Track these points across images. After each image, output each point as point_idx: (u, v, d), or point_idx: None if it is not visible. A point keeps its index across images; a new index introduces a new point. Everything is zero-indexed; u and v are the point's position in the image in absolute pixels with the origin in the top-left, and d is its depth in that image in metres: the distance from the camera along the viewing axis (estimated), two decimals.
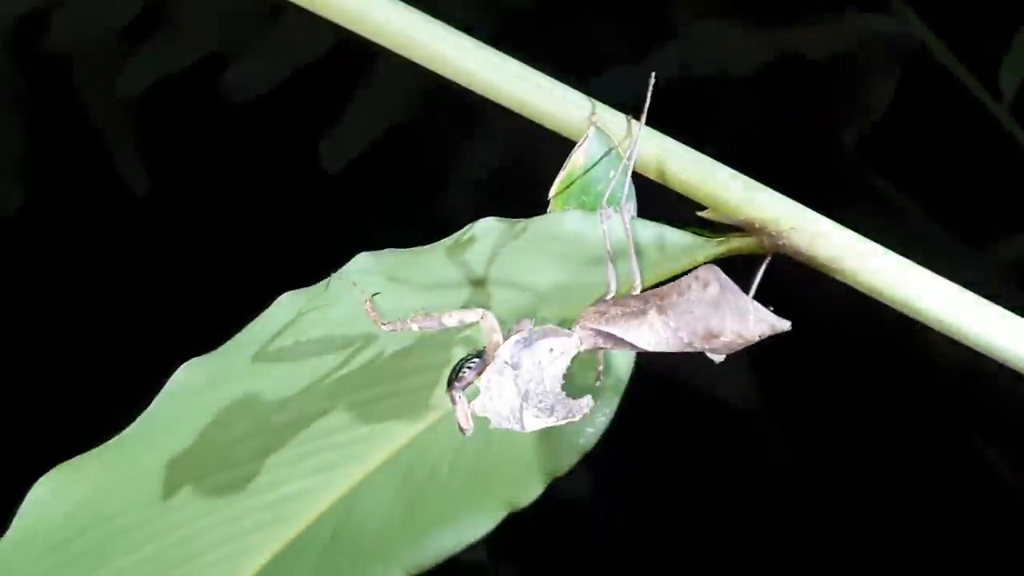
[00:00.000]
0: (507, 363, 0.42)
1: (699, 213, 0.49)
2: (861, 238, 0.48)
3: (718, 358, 0.46)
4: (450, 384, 0.42)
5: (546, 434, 0.54)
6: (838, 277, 0.48)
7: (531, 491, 0.54)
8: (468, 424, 0.42)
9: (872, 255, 0.48)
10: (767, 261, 0.48)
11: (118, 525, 0.51)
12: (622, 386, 0.53)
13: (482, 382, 0.42)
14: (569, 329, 0.44)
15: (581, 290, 0.48)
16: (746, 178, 0.48)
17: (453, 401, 0.42)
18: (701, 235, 0.49)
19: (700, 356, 0.44)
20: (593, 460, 0.54)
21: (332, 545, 0.55)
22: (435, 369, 0.52)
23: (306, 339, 0.49)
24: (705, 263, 0.44)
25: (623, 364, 0.53)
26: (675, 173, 0.48)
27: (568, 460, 0.54)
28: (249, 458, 0.52)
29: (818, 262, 0.48)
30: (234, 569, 0.54)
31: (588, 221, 0.47)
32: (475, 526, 0.55)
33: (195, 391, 0.48)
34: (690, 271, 0.44)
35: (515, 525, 0.55)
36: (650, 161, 0.48)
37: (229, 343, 0.48)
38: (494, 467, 0.54)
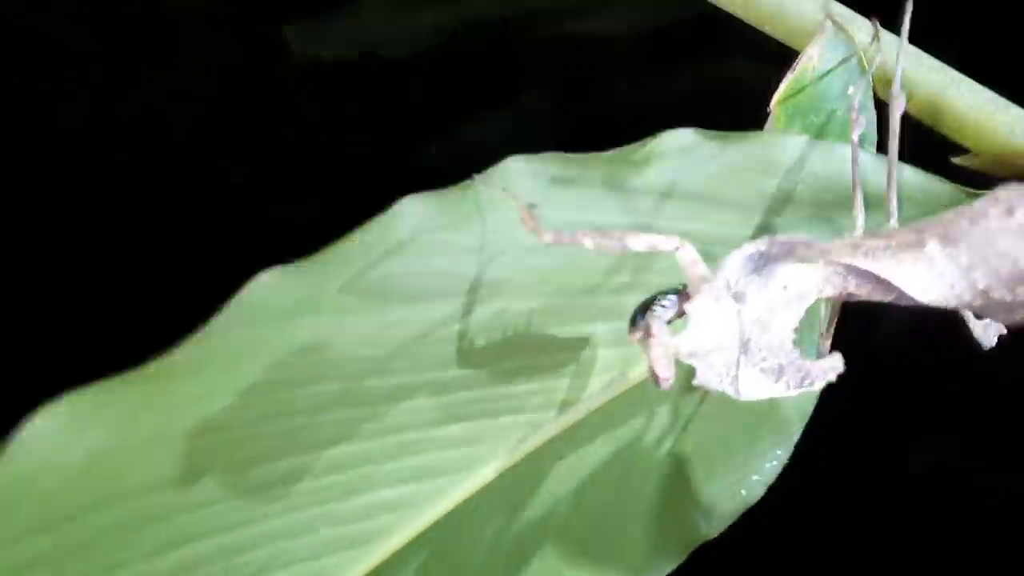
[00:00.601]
0: (730, 288, 0.29)
1: (956, 159, 0.37)
2: None
3: (990, 341, 0.33)
4: (634, 323, 0.30)
5: (695, 473, 0.40)
6: None
7: (664, 561, 0.40)
8: (668, 372, 0.29)
9: None
10: None
11: (141, 507, 0.37)
12: (804, 412, 0.40)
13: (692, 312, 0.29)
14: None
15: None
16: None
17: (645, 336, 0.29)
18: (963, 190, 0.37)
19: None
20: None
21: None
22: (577, 349, 0.39)
23: (422, 271, 0.36)
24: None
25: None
26: (936, 101, 0.37)
27: (723, 518, 0.39)
28: (329, 440, 0.38)
29: None
30: None
31: (816, 150, 0.36)
32: None
33: (275, 314, 0.35)
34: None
35: None
36: (912, 85, 0.36)
37: (328, 251, 0.35)
38: (622, 520, 0.40)
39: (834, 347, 0.35)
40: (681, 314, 0.30)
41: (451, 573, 0.41)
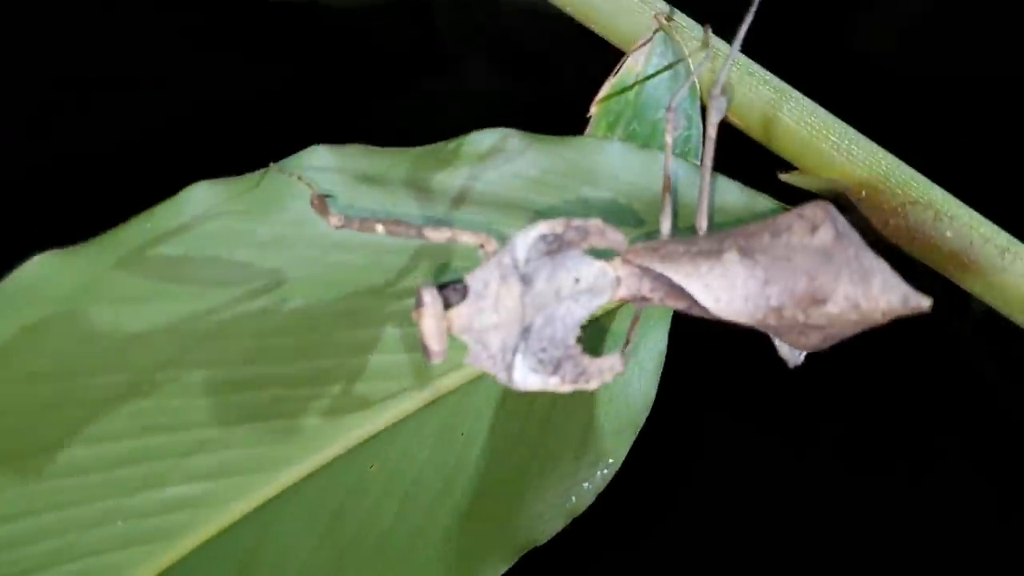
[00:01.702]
0: (518, 267, 0.27)
1: (784, 176, 0.36)
2: (1011, 239, 0.35)
3: (796, 359, 0.32)
4: (420, 299, 0.28)
5: (520, 481, 0.38)
6: (957, 278, 0.35)
7: (493, 566, 0.38)
8: (439, 345, 0.27)
9: None
10: None
11: None
12: (637, 422, 0.38)
13: (472, 284, 0.27)
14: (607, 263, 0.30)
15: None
16: (861, 137, 0.36)
17: (420, 305, 0.27)
18: (784, 204, 0.35)
19: None
20: None
21: None
22: (384, 351, 0.37)
23: (215, 261, 0.34)
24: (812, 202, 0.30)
25: (641, 389, 0.38)
26: (761, 114, 0.35)
27: (551, 525, 0.38)
28: (120, 433, 0.36)
29: (941, 252, 0.34)
30: None
31: (634, 159, 0.34)
32: None
33: (52, 299, 0.33)
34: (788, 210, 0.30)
35: None
36: (743, 98, 0.35)
37: (105, 236, 0.33)
38: (451, 524, 0.38)
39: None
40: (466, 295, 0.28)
41: (269, 572, 0.38)
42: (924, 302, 0.29)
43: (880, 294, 0.28)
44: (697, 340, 0.40)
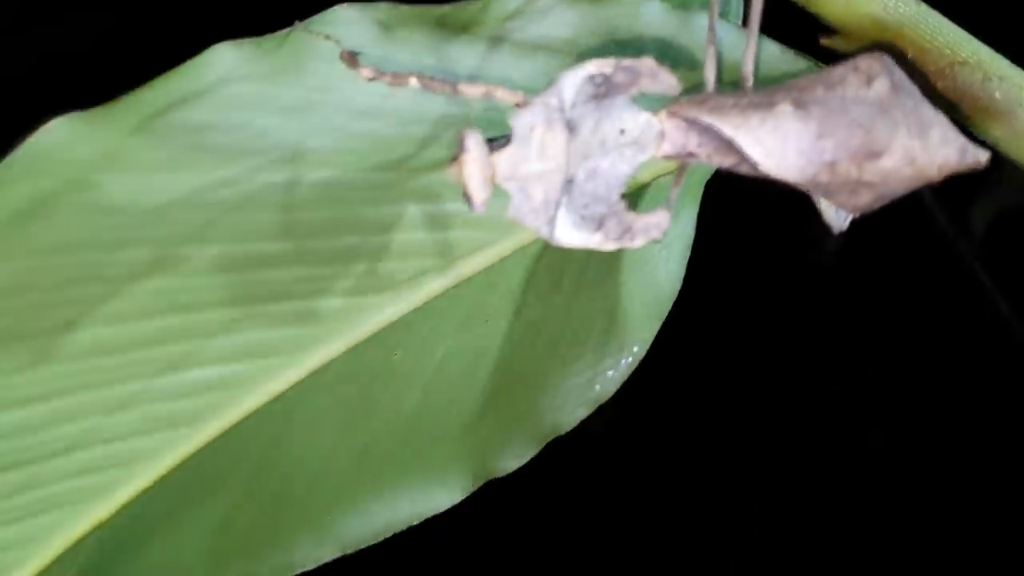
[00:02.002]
0: (564, 111, 0.26)
1: (825, 40, 0.35)
2: None
3: (841, 222, 0.31)
4: (464, 144, 0.27)
5: (544, 368, 0.38)
6: (1004, 144, 0.34)
7: (517, 453, 0.37)
8: (483, 193, 0.26)
9: None
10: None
11: None
12: (662, 310, 0.37)
13: (516, 128, 0.26)
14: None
15: None
16: None
17: (463, 151, 0.26)
18: (824, 68, 0.34)
19: None
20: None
21: (250, 487, 0.38)
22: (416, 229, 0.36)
23: (239, 128, 0.33)
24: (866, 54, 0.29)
25: (668, 274, 0.37)
26: None
27: (575, 413, 0.37)
28: (143, 311, 0.35)
29: (989, 114, 0.33)
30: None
31: (673, 18, 0.33)
32: (435, 494, 0.37)
33: (69, 166, 0.32)
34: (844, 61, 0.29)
35: None
36: None
37: (123, 100, 0.32)
38: (474, 412, 0.38)
39: None
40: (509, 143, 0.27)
41: (291, 463, 0.38)
42: (982, 156, 0.28)
43: (938, 147, 0.27)
44: (723, 228, 0.39)
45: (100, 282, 0.34)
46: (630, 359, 0.37)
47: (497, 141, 0.26)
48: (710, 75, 0.29)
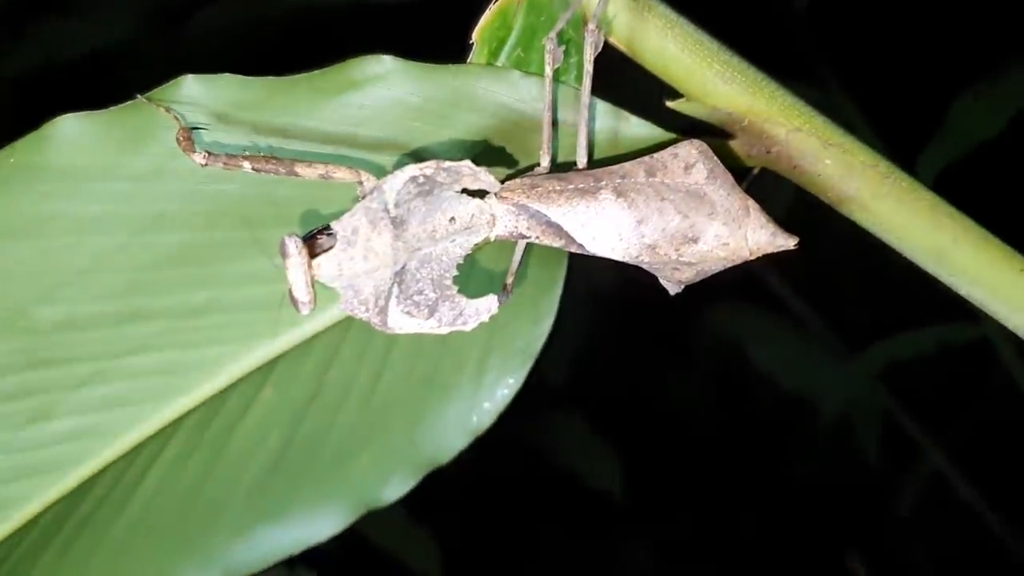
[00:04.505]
0: (389, 209, 0.27)
1: (671, 103, 0.36)
2: (891, 165, 0.35)
3: (674, 288, 0.33)
4: (284, 250, 0.28)
5: (420, 400, 0.39)
6: (842, 207, 0.35)
7: (395, 485, 0.38)
8: (306, 296, 0.27)
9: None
10: (752, 174, 0.34)
11: None
12: (535, 347, 0.38)
13: (340, 231, 0.27)
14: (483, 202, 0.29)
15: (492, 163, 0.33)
16: (745, 62, 0.35)
17: (284, 256, 0.27)
18: (668, 132, 0.35)
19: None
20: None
21: (127, 523, 0.39)
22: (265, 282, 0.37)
23: (88, 195, 0.33)
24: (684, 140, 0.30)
25: (541, 313, 0.38)
26: (650, 42, 0.35)
27: (453, 444, 0.38)
28: (3, 367, 0.36)
29: (822, 180, 0.35)
30: None
31: (519, 86, 0.33)
32: (316, 522, 0.39)
33: None
34: (664, 146, 0.30)
35: None
36: (619, 26, 0.34)
37: None
38: (348, 443, 0.38)
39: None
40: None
41: (167, 497, 0.39)
42: (790, 241, 0.29)
43: (750, 233, 0.29)
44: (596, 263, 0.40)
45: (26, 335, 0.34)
46: (506, 391, 0.38)
47: (322, 232, 0.27)
48: (544, 159, 0.30)
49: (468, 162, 0.27)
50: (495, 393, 0.38)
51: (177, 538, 0.39)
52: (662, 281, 0.33)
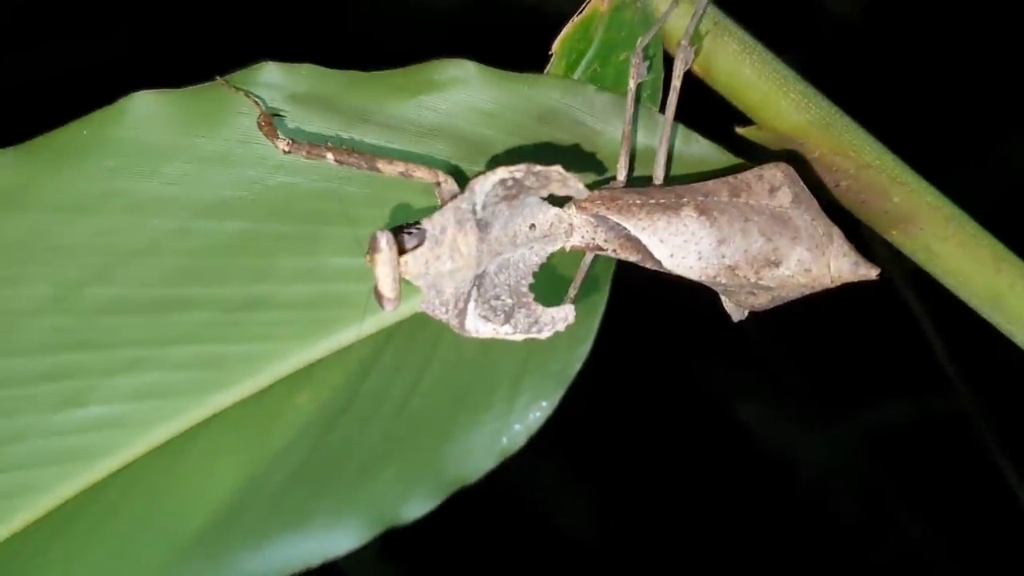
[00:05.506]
0: (476, 211, 0.27)
1: (740, 130, 0.36)
2: (956, 209, 0.35)
3: (740, 314, 0.32)
4: (375, 244, 0.27)
5: (451, 418, 0.38)
6: (899, 243, 0.35)
7: (418, 503, 0.37)
8: (391, 292, 0.26)
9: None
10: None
11: None
12: (571, 371, 0.37)
13: (429, 229, 0.27)
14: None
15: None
16: (821, 96, 0.35)
17: (374, 250, 0.27)
18: (737, 159, 0.35)
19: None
20: None
21: (143, 515, 0.38)
22: (320, 280, 0.36)
23: (152, 174, 0.33)
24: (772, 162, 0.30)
25: (580, 335, 0.38)
26: (725, 66, 0.35)
27: (481, 464, 0.37)
28: (41, 346, 0.35)
29: (888, 217, 0.35)
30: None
31: (595, 100, 0.33)
32: (335, 535, 0.37)
33: None
34: (749, 168, 0.30)
35: None
36: (709, 49, 0.34)
37: (38, 140, 0.31)
38: (375, 456, 0.38)
39: None
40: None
41: (187, 499, 0.38)
42: (872, 272, 0.29)
43: (833, 260, 0.28)
44: (641, 288, 0.40)
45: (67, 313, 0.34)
46: (538, 414, 0.38)
47: (410, 229, 0.27)
48: (621, 172, 0.30)
49: (559, 167, 0.27)
50: (527, 416, 0.38)
51: (192, 539, 0.38)
52: (726, 306, 0.32)
